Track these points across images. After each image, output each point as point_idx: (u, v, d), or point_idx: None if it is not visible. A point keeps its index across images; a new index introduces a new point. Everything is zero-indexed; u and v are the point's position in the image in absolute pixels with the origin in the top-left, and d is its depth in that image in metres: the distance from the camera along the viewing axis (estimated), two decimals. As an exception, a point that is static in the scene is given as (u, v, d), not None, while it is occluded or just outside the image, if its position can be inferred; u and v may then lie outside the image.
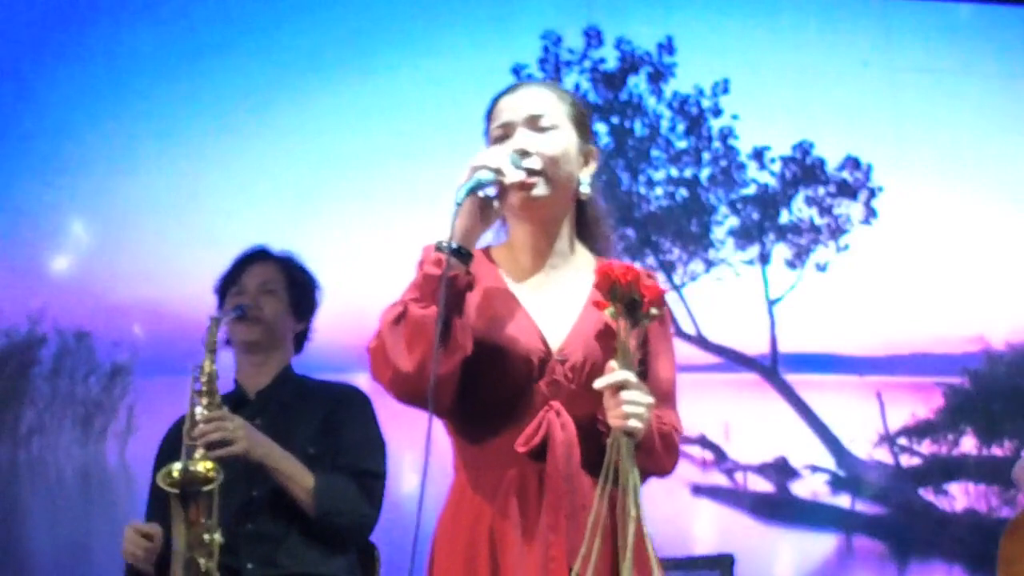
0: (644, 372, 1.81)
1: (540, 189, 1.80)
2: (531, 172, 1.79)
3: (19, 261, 4.38)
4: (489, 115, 1.91)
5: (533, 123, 1.84)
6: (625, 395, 1.70)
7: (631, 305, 1.72)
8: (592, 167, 1.90)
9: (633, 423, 1.69)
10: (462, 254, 1.71)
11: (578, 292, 1.87)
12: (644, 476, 1.77)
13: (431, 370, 1.66)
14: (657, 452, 1.79)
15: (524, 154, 1.79)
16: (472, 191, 1.71)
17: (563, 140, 1.84)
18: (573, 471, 1.74)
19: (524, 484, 1.76)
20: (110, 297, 4.35)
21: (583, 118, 1.90)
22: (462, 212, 1.71)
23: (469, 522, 1.78)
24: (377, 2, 4.74)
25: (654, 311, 1.74)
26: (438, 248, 1.71)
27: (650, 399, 1.72)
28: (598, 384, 1.71)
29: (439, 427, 1.85)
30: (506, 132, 1.85)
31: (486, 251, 1.91)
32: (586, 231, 1.93)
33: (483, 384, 1.76)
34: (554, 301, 1.85)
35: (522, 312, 1.82)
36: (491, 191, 1.73)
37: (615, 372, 1.71)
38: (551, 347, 1.80)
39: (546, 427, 1.76)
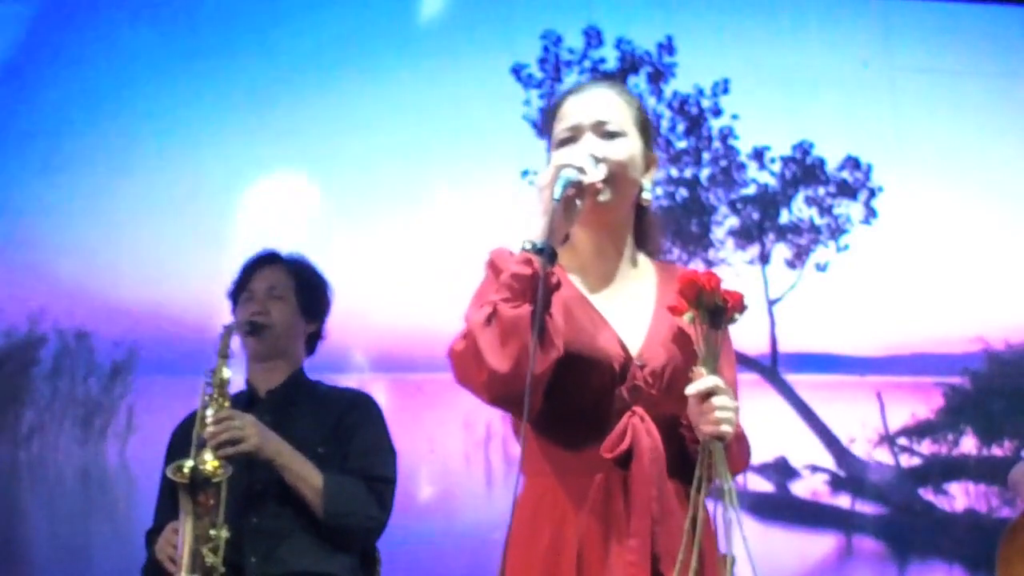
0: None
1: (606, 195, 1.80)
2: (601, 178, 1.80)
3: (19, 261, 4.38)
4: (554, 113, 1.90)
5: (600, 128, 1.84)
6: (716, 401, 1.70)
7: (714, 311, 1.74)
8: (652, 173, 1.91)
9: (725, 428, 1.70)
10: (549, 253, 1.69)
11: (645, 296, 1.88)
12: None
13: (526, 371, 1.63)
14: (734, 454, 1.80)
15: (594, 159, 1.79)
16: (566, 188, 1.70)
17: (630, 147, 1.85)
18: (660, 477, 1.75)
19: (609, 490, 1.76)
20: (110, 297, 4.35)
21: (647, 124, 1.91)
22: (555, 212, 1.69)
23: (552, 528, 1.77)
24: (377, 2, 4.74)
25: (736, 316, 1.76)
26: (524, 248, 1.69)
27: (736, 403, 1.74)
28: (689, 390, 1.72)
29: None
30: (574, 135, 1.85)
31: None
32: (644, 236, 1.94)
33: (564, 389, 1.75)
34: (624, 306, 1.86)
35: (599, 317, 1.82)
36: (571, 191, 1.72)
37: (704, 378, 1.71)
38: (630, 352, 1.81)
39: (632, 433, 1.76)
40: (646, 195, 1.88)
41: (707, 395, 1.71)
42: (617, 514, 1.75)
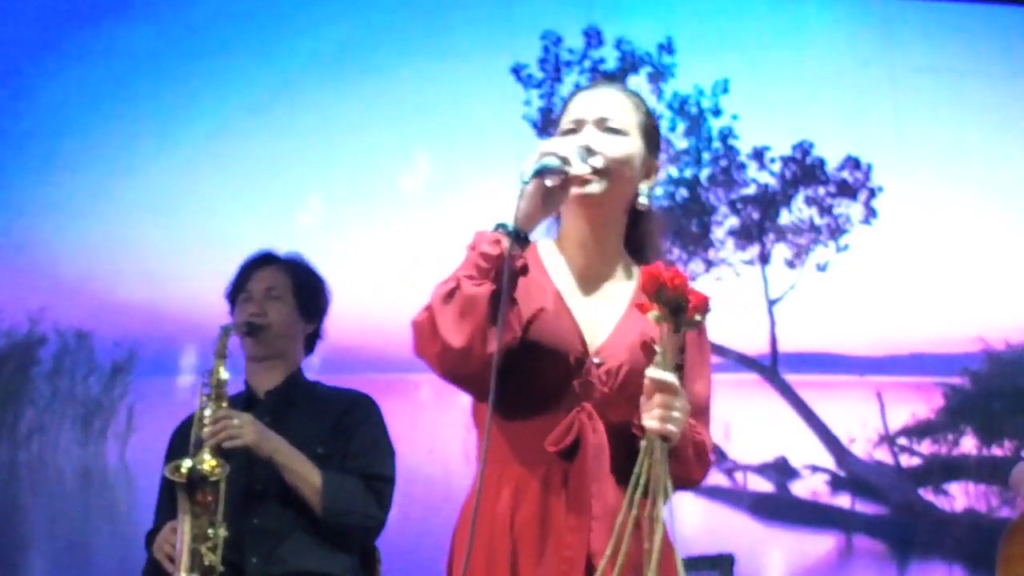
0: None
1: (596, 187, 1.81)
2: (592, 170, 1.80)
3: (19, 261, 4.38)
4: (564, 107, 1.93)
5: (603, 124, 1.85)
6: (665, 399, 1.69)
7: (676, 309, 1.69)
8: (652, 180, 1.90)
9: (670, 426, 1.69)
10: (520, 237, 1.71)
11: (620, 297, 1.88)
12: (674, 484, 1.78)
13: (480, 348, 1.66)
14: (690, 460, 1.78)
15: (589, 151, 1.81)
16: (538, 173, 1.71)
17: (629, 146, 1.85)
18: (601, 475, 1.75)
19: (549, 483, 1.76)
20: (110, 297, 4.36)
21: (653, 131, 1.91)
22: (525, 195, 1.71)
23: (491, 516, 1.77)
24: (377, 2, 4.74)
25: (697, 317, 1.71)
26: (497, 228, 1.71)
27: (687, 405, 1.72)
28: (647, 378, 1.69)
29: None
30: (576, 128, 1.86)
31: (533, 245, 1.90)
32: (637, 243, 1.93)
33: (517, 376, 1.75)
34: (595, 303, 1.86)
35: (564, 309, 1.82)
36: (555, 179, 1.73)
37: (659, 372, 1.70)
38: (589, 348, 1.81)
39: (577, 428, 1.76)
40: (642, 199, 1.88)
41: (659, 391, 1.69)
42: (555, 508, 1.75)
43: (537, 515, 1.75)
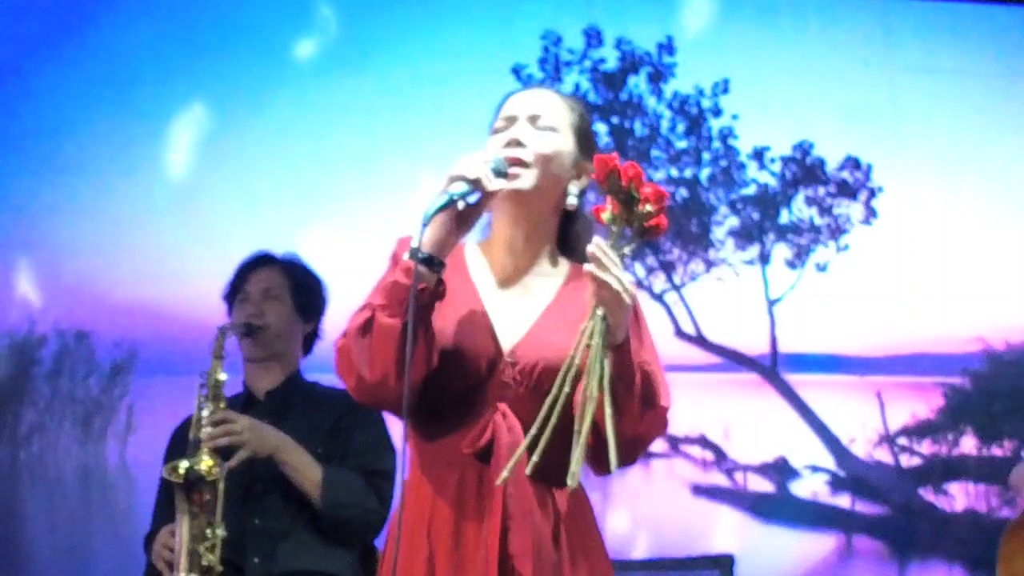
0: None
1: (524, 182, 1.79)
2: (519, 163, 1.79)
3: (19, 261, 4.39)
4: (498, 110, 1.91)
5: (534, 121, 1.84)
6: (606, 260, 1.63)
7: (628, 201, 1.64)
8: (584, 182, 1.87)
9: (612, 283, 1.63)
10: (433, 264, 1.69)
11: (543, 294, 1.85)
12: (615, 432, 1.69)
13: (394, 381, 1.67)
14: (635, 393, 1.71)
15: (517, 144, 1.80)
16: (441, 210, 1.69)
17: (558, 143, 1.84)
18: (517, 475, 1.71)
19: (463, 486, 1.75)
20: (110, 297, 4.36)
21: (587, 133, 1.90)
22: (433, 224, 1.69)
23: (412, 523, 1.77)
24: (377, 2, 4.74)
25: (650, 208, 1.65)
26: (411, 255, 1.69)
27: (632, 288, 1.67)
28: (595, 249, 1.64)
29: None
30: (508, 124, 1.85)
31: (460, 246, 1.88)
32: (568, 245, 1.90)
33: (432, 384, 1.75)
34: (516, 302, 1.84)
35: (480, 311, 1.81)
36: (472, 198, 1.70)
37: (601, 243, 1.65)
38: (503, 348, 1.79)
39: (492, 429, 1.74)
40: (571, 200, 1.85)
41: (596, 260, 1.64)
42: (469, 512, 1.74)
43: (451, 519, 1.74)
